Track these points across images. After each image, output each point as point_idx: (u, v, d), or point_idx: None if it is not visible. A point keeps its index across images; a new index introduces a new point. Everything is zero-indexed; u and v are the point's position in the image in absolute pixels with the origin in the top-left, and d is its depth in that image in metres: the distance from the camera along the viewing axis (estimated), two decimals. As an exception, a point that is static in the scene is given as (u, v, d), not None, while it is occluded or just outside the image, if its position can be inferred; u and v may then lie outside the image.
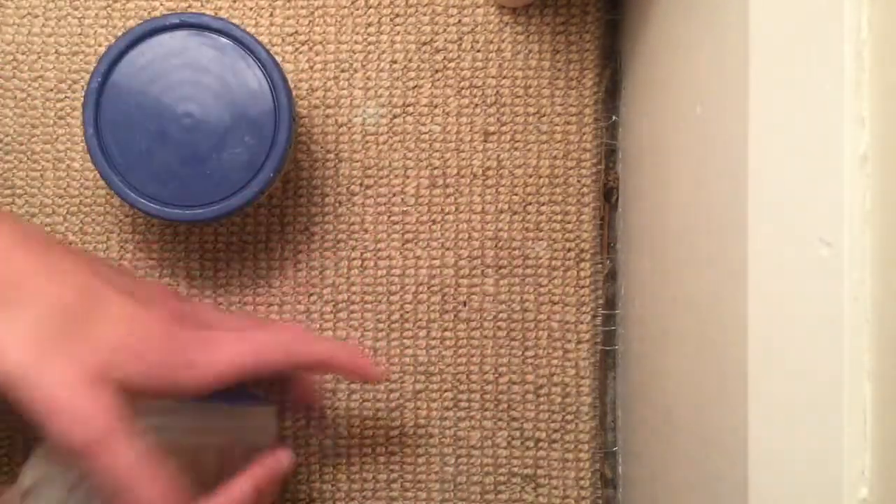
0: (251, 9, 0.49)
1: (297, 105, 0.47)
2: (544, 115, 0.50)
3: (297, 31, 0.49)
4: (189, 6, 0.49)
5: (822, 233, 0.29)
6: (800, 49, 0.30)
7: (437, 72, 0.49)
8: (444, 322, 0.50)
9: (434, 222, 0.50)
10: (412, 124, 0.50)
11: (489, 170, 0.50)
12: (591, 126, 0.50)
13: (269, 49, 0.43)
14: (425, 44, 0.49)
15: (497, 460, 0.50)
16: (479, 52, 0.49)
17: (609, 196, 0.51)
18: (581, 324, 0.50)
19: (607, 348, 0.51)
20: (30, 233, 0.38)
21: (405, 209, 0.50)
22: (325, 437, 0.49)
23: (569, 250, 0.50)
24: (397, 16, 0.49)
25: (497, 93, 0.50)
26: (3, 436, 0.48)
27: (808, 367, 0.30)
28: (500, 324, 0.50)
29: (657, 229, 0.44)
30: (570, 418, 0.50)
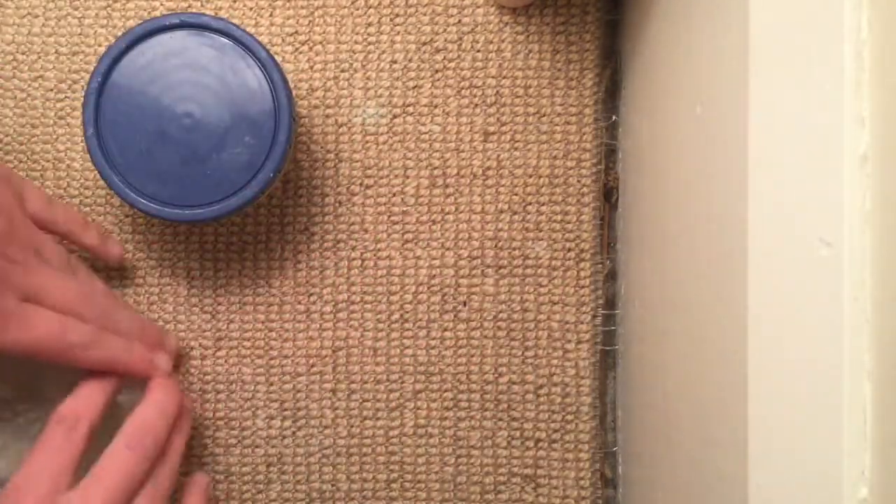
0: (251, 9, 0.49)
1: (297, 105, 0.47)
2: (544, 115, 0.50)
3: (297, 31, 0.49)
4: (189, 6, 0.49)
5: (822, 233, 0.29)
6: (800, 49, 0.30)
7: (437, 72, 0.49)
8: (444, 322, 0.50)
9: (434, 222, 0.50)
10: (412, 124, 0.50)
11: (489, 170, 0.50)
12: (591, 126, 0.50)
13: (269, 49, 0.43)
14: (425, 44, 0.49)
15: (497, 460, 0.50)
16: (479, 52, 0.49)
17: (609, 196, 0.51)
18: (581, 324, 0.50)
19: (607, 348, 0.51)
20: None
21: (405, 209, 0.50)
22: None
23: (569, 250, 0.50)
24: (397, 16, 0.49)
25: (497, 93, 0.50)
26: None
27: (809, 368, 0.30)
28: (500, 324, 0.50)
29: (657, 229, 0.44)
30: (570, 418, 0.50)
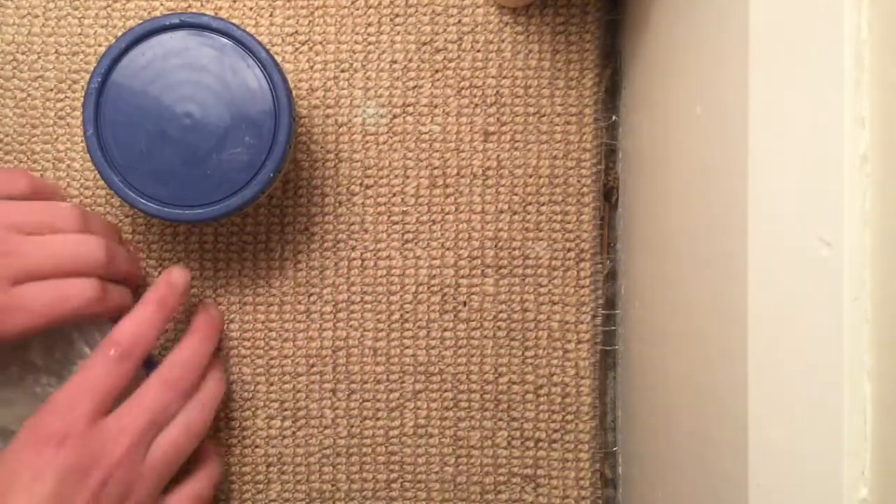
0: (251, 9, 0.49)
1: (297, 105, 0.47)
2: (544, 115, 0.50)
3: (297, 31, 0.49)
4: (189, 6, 0.49)
5: (822, 233, 0.29)
6: (800, 49, 0.30)
7: (437, 72, 0.49)
8: (444, 322, 0.50)
9: (434, 222, 0.50)
10: (412, 124, 0.49)
11: (489, 170, 0.50)
12: (591, 126, 0.50)
13: (268, 49, 0.43)
14: (425, 44, 0.49)
15: (497, 460, 0.50)
16: (479, 52, 0.49)
17: (609, 196, 0.51)
18: (581, 324, 0.50)
19: (607, 348, 0.51)
20: None
21: (405, 209, 0.50)
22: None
23: (569, 250, 0.50)
24: (397, 16, 0.49)
25: (497, 93, 0.50)
26: None
27: (808, 367, 0.30)
28: (500, 324, 0.50)
29: (657, 229, 0.44)
30: (570, 418, 0.50)
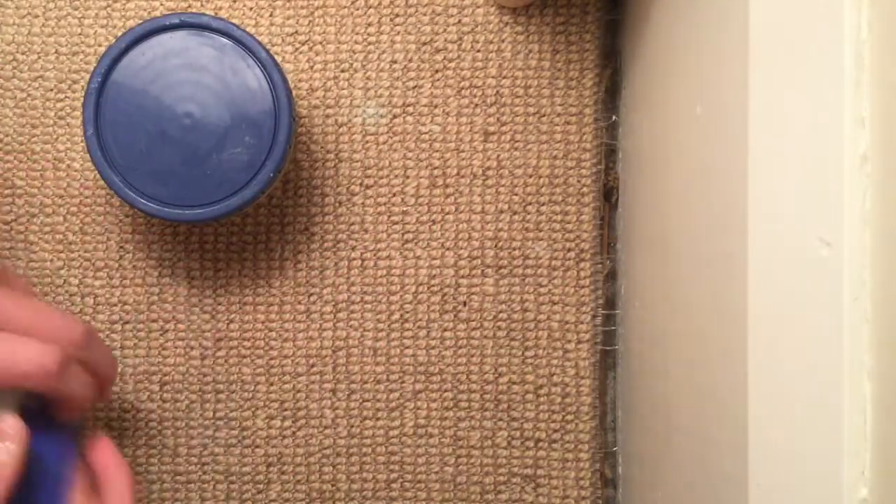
0: (251, 9, 0.49)
1: (297, 105, 0.47)
2: (544, 115, 0.50)
3: (297, 31, 0.49)
4: (189, 6, 0.49)
5: (822, 233, 0.29)
6: (800, 49, 0.30)
7: (437, 72, 0.49)
8: (444, 322, 0.50)
9: (434, 222, 0.50)
10: (412, 124, 0.49)
11: (489, 170, 0.50)
12: (591, 126, 0.50)
13: (268, 49, 0.43)
14: (425, 44, 0.49)
15: (497, 460, 0.50)
16: (479, 52, 0.49)
17: (609, 196, 0.51)
18: (581, 324, 0.50)
19: (607, 348, 0.51)
20: None
21: (405, 209, 0.50)
22: None
23: (569, 250, 0.50)
24: (397, 16, 0.49)
25: (497, 93, 0.50)
26: None
27: (808, 367, 0.30)
28: (500, 324, 0.50)
29: (657, 229, 0.44)
30: (570, 418, 0.50)
